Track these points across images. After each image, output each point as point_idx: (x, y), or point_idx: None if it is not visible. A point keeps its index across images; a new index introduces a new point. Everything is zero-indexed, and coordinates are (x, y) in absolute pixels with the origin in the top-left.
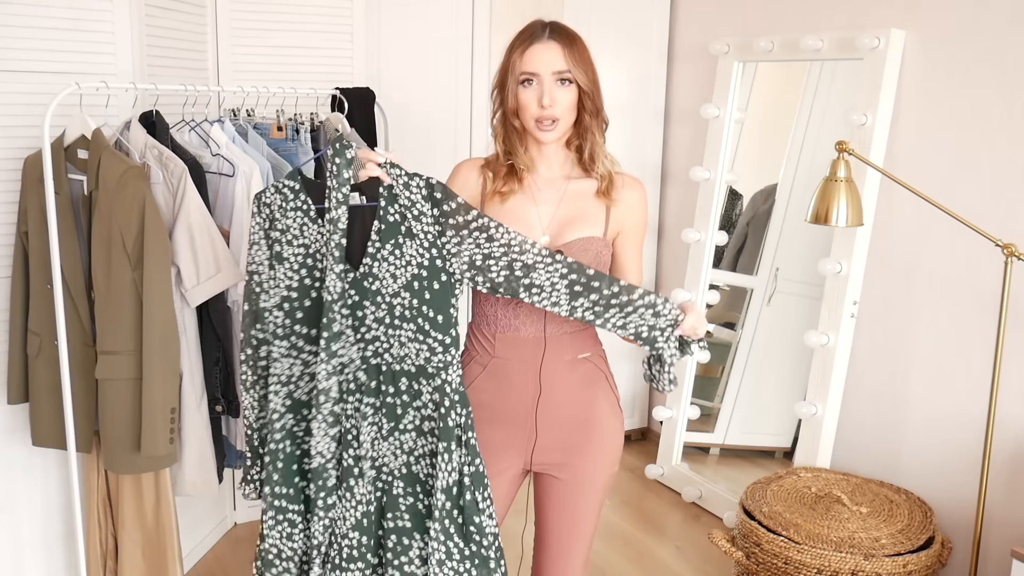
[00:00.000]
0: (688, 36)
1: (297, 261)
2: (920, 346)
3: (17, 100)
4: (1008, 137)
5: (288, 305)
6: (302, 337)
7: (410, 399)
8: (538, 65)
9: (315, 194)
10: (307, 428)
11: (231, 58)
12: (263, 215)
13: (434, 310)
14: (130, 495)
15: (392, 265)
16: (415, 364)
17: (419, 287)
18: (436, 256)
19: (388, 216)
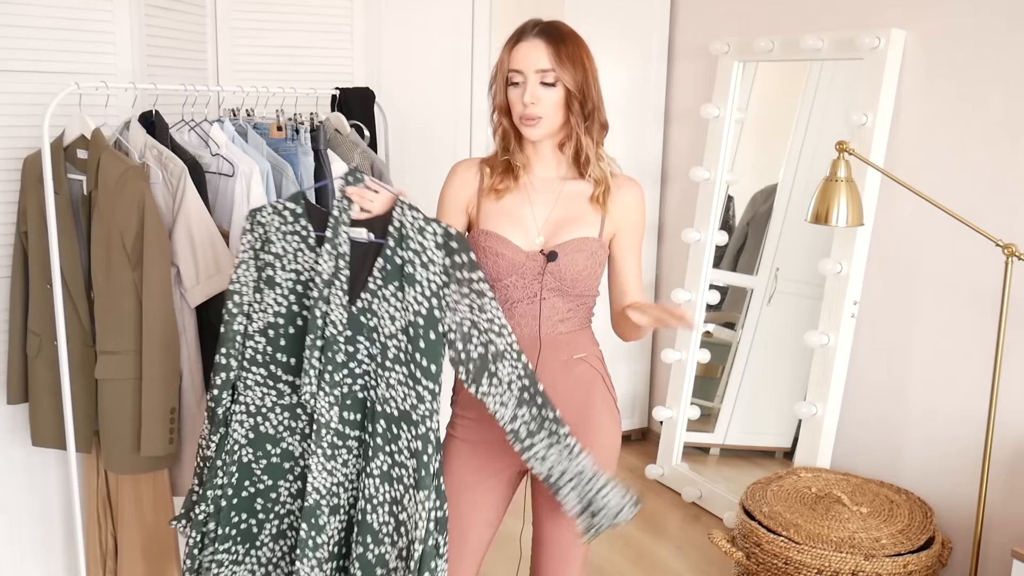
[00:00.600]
0: (688, 36)
1: (287, 287)
2: (920, 346)
3: (17, 100)
4: (1008, 137)
5: (273, 332)
6: (281, 366)
7: (383, 443)
8: (522, 63)
9: (316, 221)
10: (268, 466)
11: (231, 58)
12: (256, 234)
13: (427, 359)
14: (130, 495)
15: (392, 307)
16: (399, 408)
17: (414, 334)
18: (435, 307)
19: (395, 257)
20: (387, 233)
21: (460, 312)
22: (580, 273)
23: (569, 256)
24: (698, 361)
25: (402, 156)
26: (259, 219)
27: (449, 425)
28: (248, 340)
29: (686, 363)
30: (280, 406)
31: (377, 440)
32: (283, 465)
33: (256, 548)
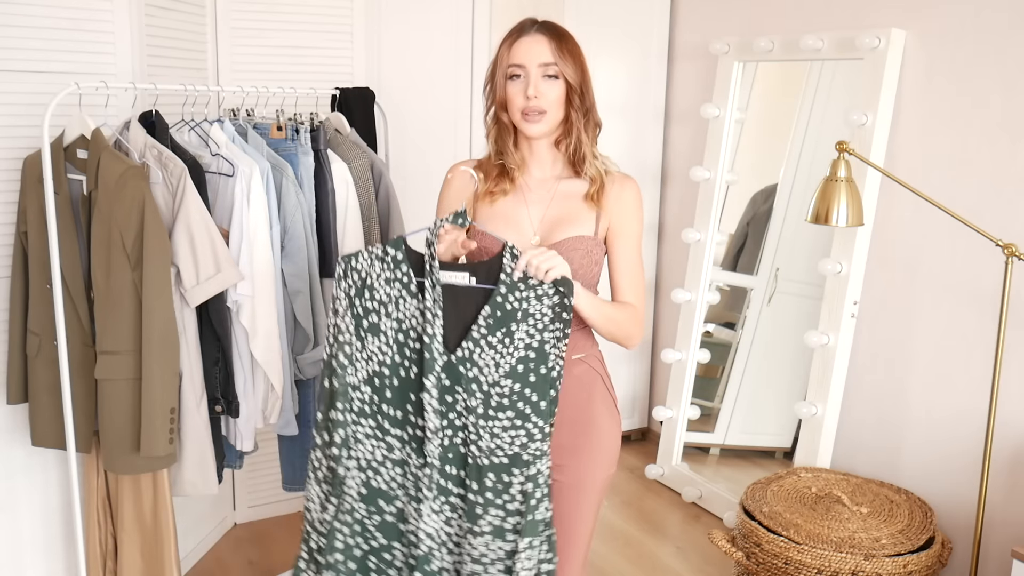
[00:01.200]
0: (688, 36)
1: (391, 335)
2: (920, 346)
3: (17, 100)
4: (1008, 137)
5: (378, 381)
6: (387, 419)
7: (494, 496)
8: (524, 57)
9: (417, 268)
10: (381, 524)
11: (231, 58)
12: (349, 280)
13: (538, 394)
14: (129, 495)
15: (498, 353)
16: (508, 454)
17: (524, 370)
18: (546, 341)
19: (506, 303)
20: (498, 280)
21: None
22: (576, 271)
23: (565, 254)
24: (698, 361)
25: (402, 156)
26: (354, 265)
27: None
28: (355, 391)
29: (686, 363)
30: (391, 461)
31: (487, 495)
32: (398, 526)
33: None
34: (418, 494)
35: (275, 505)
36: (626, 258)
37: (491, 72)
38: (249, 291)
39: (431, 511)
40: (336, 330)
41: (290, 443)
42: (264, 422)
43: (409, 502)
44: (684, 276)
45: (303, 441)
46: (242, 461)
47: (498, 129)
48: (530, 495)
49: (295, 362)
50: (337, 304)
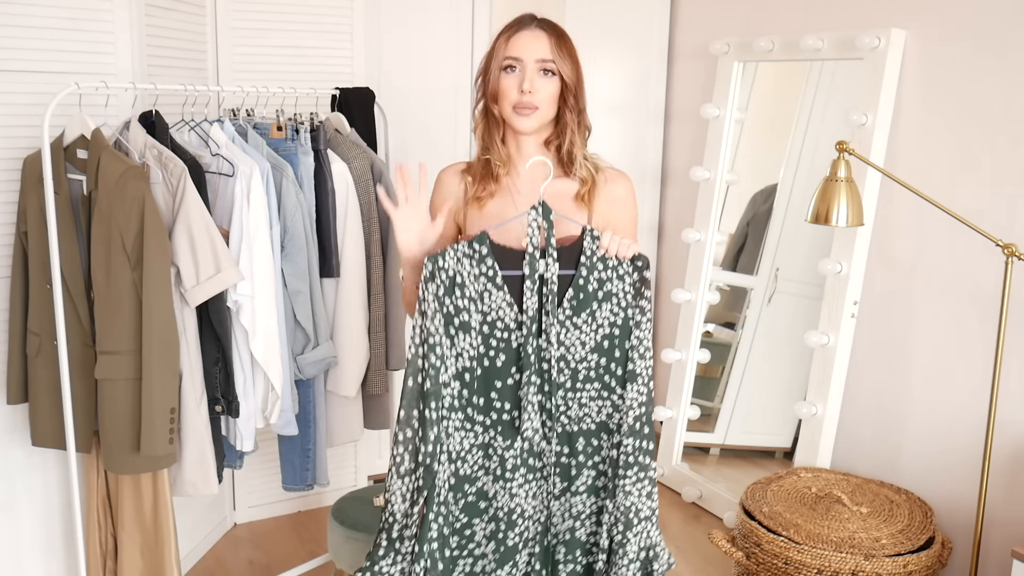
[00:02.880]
0: (688, 36)
1: (478, 329)
2: (920, 346)
3: (17, 100)
4: (1008, 137)
5: (468, 375)
6: (474, 408)
7: (586, 458)
8: (522, 51)
9: (501, 260)
10: (465, 505)
11: (231, 58)
12: (438, 280)
13: (622, 367)
14: (129, 495)
15: (584, 333)
16: (596, 421)
17: (609, 346)
18: (630, 317)
19: (588, 285)
20: (578, 263)
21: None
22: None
23: None
24: (698, 361)
25: (402, 156)
26: (441, 265)
27: None
28: (445, 388)
29: (686, 363)
30: (476, 447)
31: (579, 458)
32: (478, 504)
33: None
34: (505, 474)
35: (275, 505)
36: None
37: (485, 64)
38: (249, 291)
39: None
40: (426, 332)
41: (290, 443)
42: (264, 422)
43: (495, 482)
44: (684, 276)
45: (303, 441)
46: (242, 461)
47: (486, 123)
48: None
49: (295, 362)
50: (425, 306)
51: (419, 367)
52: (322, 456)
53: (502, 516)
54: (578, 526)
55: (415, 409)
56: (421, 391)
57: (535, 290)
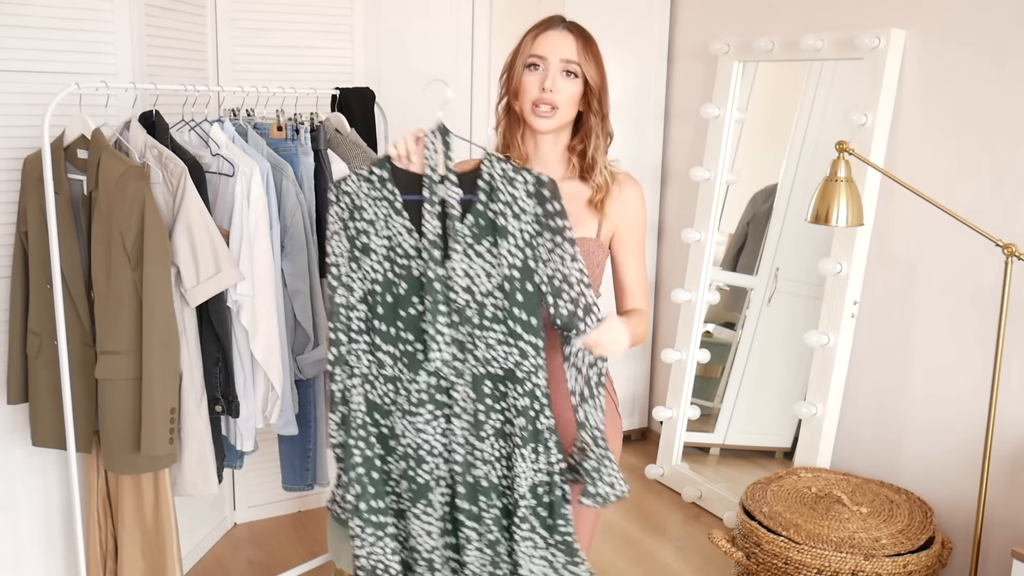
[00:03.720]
0: (688, 36)
1: (382, 253)
2: (920, 346)
3: (17, 100)
4: (1008, 137)
5: (371, 299)
6: (379, 335)
7: (493, 402)
8: (548, 50)
9: (402, 185)
10: (379, 435)
11: (231, 58)
12: (342, 204)
13: (526, 312)
14: (129, 495)
15: (488, 263)
16: (503, 367)
17: (511, 288)
18: (529, 257)
19: (487, 211)
20: (476, 188)
21: (552, 263)
22: None
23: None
24: (698, 361)
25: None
26: (344, 188)
27: None
28: (352, 311)
29: (686, 363)
30: (384, 376)
31: (487, 402)
32: (390, 441)
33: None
34: (411, 409)
35: (275, 505)
36: (632, 260)
37: (510, 60)
38: (249, 291)
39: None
40: (329, 253)
41: (290, 443)
42: (264, 422)
43: (403, 417)
44: (684, 276)
45: (303, 441)
46: (242, 461)
47: (508, 120)
48: (528, 407)
49: (295, 362)
50: (331, 227)
51: (332, 287)
52: (322, 456)
53: (411, 453)
54: (490, 471)
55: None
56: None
57: (435, 215)
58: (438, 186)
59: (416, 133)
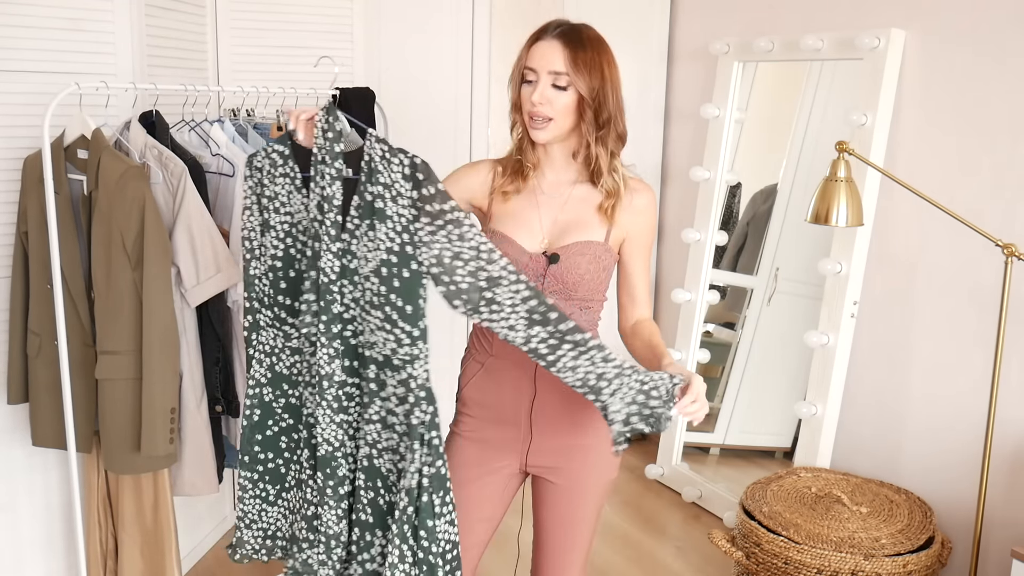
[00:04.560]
0: (688, 36)
1: (283, 230)
2: (920, 346)
3: (17, 100)
4: (1008, 137)
5: (273, 275)
6: (284, 308)
7: (377, 388)
8: (537, 62)
9: (302, 161)
10: (287, 405)
11: (231, 58)
12: (254, 179)
13: (403, 299)
14: (129, 495)
15: (366, 247)
16: (381, 353)
17: (387, 274)
18: (407, 242)
19: (366, 193)
20: (359, 168)
21: (438, 244)
22: (583, 277)
23: (571, 259)
24: (698, 361)
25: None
26: (255, 164)
27: (452, 423)
28: (257, 282)
29: (686, 363)
30: (289, 348)
31: (372, 386)
32: (300, 410)
33: (286, 491)
34: (313, 379)
35: None
36: (641, 266)
37: (512, 69)
38: None
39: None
40: (243, 225)
41: None
42: None
43: (306, 387)
44: (684, 276)
45: None
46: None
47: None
48: (403, 398)
49: None
50: (244, 202)
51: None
52: None
53: (313, 423)
54: (375, 455)
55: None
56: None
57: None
58: (323, 165)
59: (308, 111)
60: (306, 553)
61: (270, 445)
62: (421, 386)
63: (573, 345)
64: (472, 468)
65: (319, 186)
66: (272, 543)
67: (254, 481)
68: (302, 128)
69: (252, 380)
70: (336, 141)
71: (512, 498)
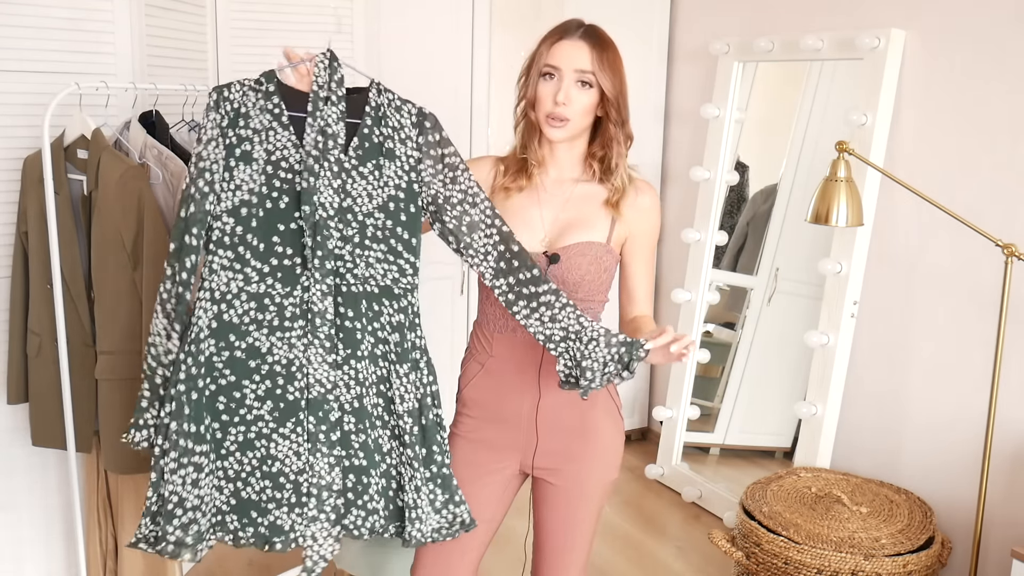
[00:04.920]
0: (688, 36)
1: (260, 164)
2: (920, 346)
3: (17, 100)
4: (1008, 137)
5: (245, 211)
6: (250, 249)
7: (367, 322)
8: (562, 60)
9: (288, 101)
10: (230, 359)
11: (231, 58)
12: (222, 111)
13: (408, 232)
14: (130, 495)
15: (370, 184)
16: (379, 285)
17: (395, 208)
18: (414, 180)
19: (373, 136)
20: (363, 113)
21: (434, 186)
22: (583, 277)
23: (572, 259)
24: (698, 361)
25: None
26: (227, 96)
27: (452, 423)
28: (216, 221)
29: (686, 363)
30: (247, 293)
31: (362, 321)
32: (248, 363)
33: (222, 458)
34: (284, 323)
35: None
36: (643, 267)
37: (527, 66)
38: None
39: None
40: (198, 158)
41: None
42: None
43: (271, 333)
44: (684, 276)
45: None
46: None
47: (526, 124)
48: (401, 324)
49: None
50: (203, 133)
51: (187, 195)
52: None
53: (279, 371)
54: (363, 393)
55: (183, 237)
56: (184, 219)
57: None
58: (324, 105)
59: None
60: (272, 514)
61: (207, 407)
62: (417, 313)
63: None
64: (472, 468)
65: (318, 124)
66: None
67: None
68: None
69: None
70: (340, 85)
71: (512, 499)
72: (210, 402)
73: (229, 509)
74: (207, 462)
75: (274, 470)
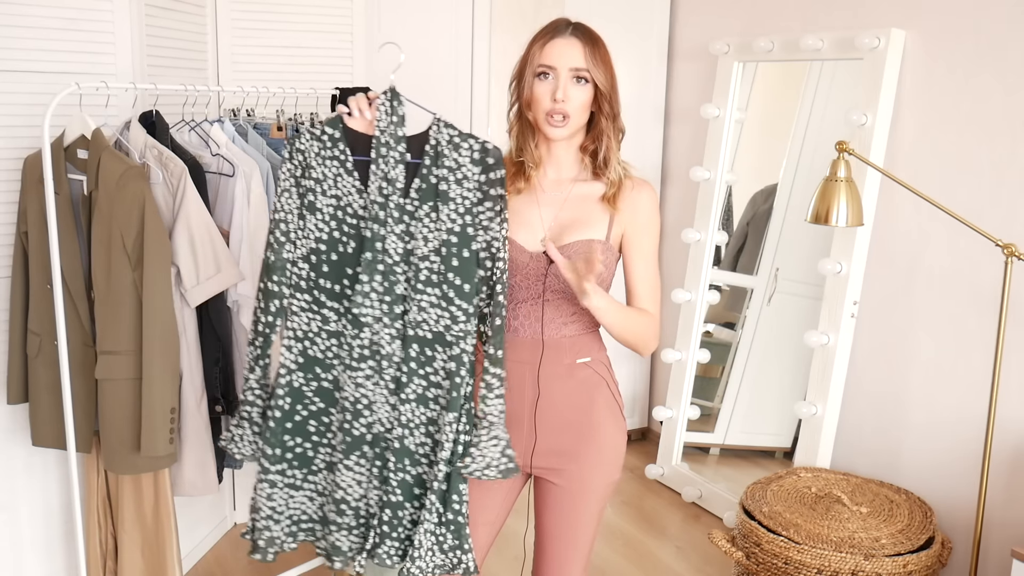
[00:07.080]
0: (688, 36)
1: (328, 212)
2: (920, 346)
3: (17, 100)
4: (1008, 137)
5: (315, 258)
6: (324, 292)
7: (418, 366)
8: (556, 59)
9: (354, 146)
10: (319, 389)
11: (231, 58)
12: (295, 161)
13: (461, 278)
14: (129, 495)
15: (427, 228)
16: (432, 330)
17: (447, 253)
18: (468, 224)
19: (430, 176)
20: (423, 152)
21: (492, 231)
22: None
23: (572, 258)
24: (698, 361)
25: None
26: (298, 146)
27: None
28: (293, 267)
29: (686, 363)
30: (326, 332)
31: (411, 365)
32: (334, 393)
33: (313, 474)
34: (352, 363)
35: None
36: (642, 265)
37: (519, 69)
38: (249, 291)
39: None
40: (275, 209)
41: None
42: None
43: (344, 371)
44: (684, 276)
45: None
46: (242, 461)
47: (520, 126)
48: (454, 373)
49: None
50: (282, 184)
51: (268, 242)
52: None
53: (348, 407)
54: (407, 435)
55: (267, 282)
56: (266, 264)
57: (381, 177)
58: (386, 149)
59: (369, 96)
60: (335, 536)
61: (299, 431)
62: (470, 360)
63: None
64: None
65: (381, 169)
66: (297, 528)
67: (282, 471)
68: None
69: (283, 368)
70: (400, 125)
71: (515, 501)
72: (301, 426)
73: (318, 520)
74: (299, 477)
75: (336, 496)
